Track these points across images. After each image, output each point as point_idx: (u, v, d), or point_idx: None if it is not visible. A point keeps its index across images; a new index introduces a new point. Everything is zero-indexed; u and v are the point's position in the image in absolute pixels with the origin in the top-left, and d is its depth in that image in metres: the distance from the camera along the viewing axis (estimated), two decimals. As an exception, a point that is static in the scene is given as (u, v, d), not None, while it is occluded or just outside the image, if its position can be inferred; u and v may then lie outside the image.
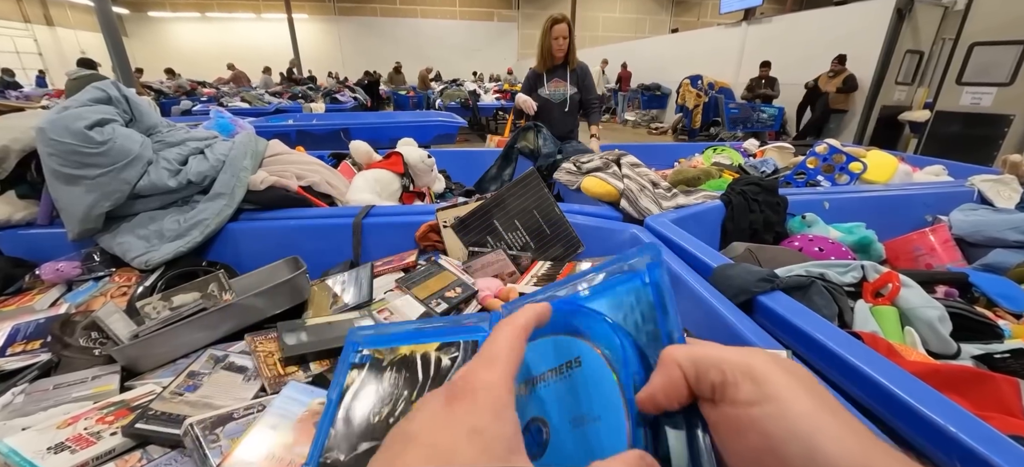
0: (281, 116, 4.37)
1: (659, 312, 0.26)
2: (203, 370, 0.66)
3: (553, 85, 2.18)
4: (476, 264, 0.94)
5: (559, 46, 2.07)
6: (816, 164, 1.68)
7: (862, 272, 0.88)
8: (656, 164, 2.16)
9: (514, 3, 16.61)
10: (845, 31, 5.64)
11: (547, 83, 2.19)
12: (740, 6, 7.82)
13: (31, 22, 12.10)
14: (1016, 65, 3.75)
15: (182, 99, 6.12)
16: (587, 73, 2.20)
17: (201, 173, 1.07)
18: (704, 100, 7.08)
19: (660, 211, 1.17)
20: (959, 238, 1.24)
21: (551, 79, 2.18)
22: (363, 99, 7.08)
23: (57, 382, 0.66)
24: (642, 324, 0.27)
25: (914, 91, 5.52)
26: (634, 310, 0.27)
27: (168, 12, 14.74)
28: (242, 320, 0.77)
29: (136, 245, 0.98)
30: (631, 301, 0.28)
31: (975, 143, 4.02)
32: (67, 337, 0.75)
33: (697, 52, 8.47)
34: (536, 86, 2.22)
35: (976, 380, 0.64)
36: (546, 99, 2.21)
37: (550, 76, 2.18)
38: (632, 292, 0.28)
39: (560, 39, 2.05)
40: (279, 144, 1.35)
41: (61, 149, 0.91)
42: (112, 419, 0.56)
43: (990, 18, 3.89)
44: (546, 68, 2.17)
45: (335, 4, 15.56)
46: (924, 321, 0.76)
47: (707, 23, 14.55)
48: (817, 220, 1.22)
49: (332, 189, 1.31)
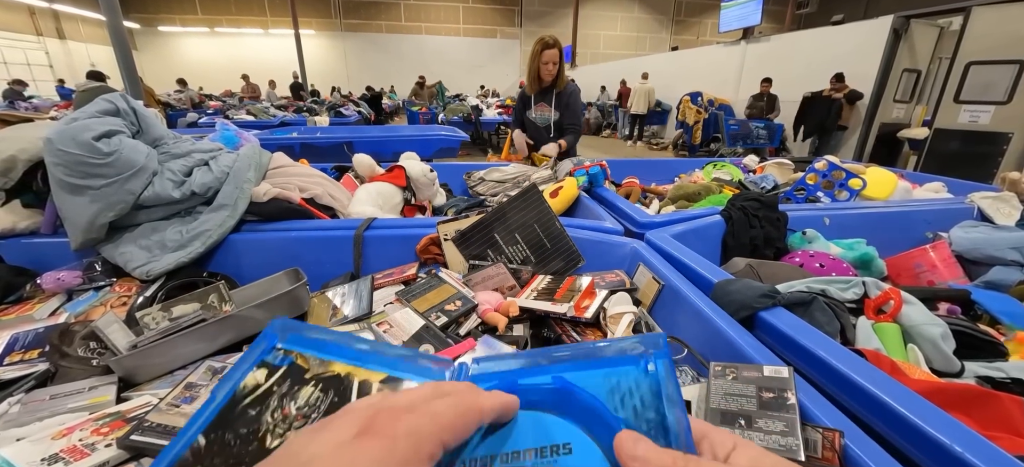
0: (286, 129, 4.42)
1: (663, 401, 0.24)
2: (201, 382, 0.65)
3: (539, 109, 2.20)
4: (476, 277, 0.94)
5: (548, 71, 2.08)
6: (816, 180, 1.69)
7: (864, 288, 0.87)
8: (657, 179, 2.18)
9: (517, 20, 16.94)
10: (842, 50, 5.72)
11: (534, 106, 2.21)
12: (739, 25, 7.96)
13: (43, 35, 12.36)
14: (1013, 84, 3.79)
15: (189, 112, 6.21)
16: (574, 95, 2.17)
17: (205, 184, 1.08)
18: (704, 116, 7.14)
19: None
20: (959, 255, 1.24)
21: (538, 102, 2.20)
22: (367, 113, 7.17)
23: (54, 392, 0.65)
24: (641, 410, 0.25)
25: (912, 109, 5.57)
26: (632, 395, 0.25)
27: (178, 27, 15.06)
28: (241, 332, 0.77)
29: (138, 255, 0.98)
30: (629, 385, 0.26)
31: (974, 160, 4.05)
32: (65, 347, 0.74)
33: (697, 69, 8.58)
34: (525, 109, 2.25)
35: (981, 399, 0.63)
36: (532, 122, 2.23)
37: (537, 100, 2.20)
38: (631, 377, 0.26)
39: (549, 64, 2.06)
40: (283, 157, 1.36)
41: (67, 159, 0.92)
42: (107, 431, 0.56)
43: (985, 38, 3.95)
44: (534, 91, 2.18)
45: (341, 20, 15.89)
46: (927, 338, 0.76)
47: (706, 41, 14.81)
48: (818, 236, 1.22)
49: (334, 201, 1.32)
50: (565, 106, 2.15)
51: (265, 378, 0.27)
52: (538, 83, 2.12)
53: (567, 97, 2.14)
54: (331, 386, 0.27)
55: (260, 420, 0.26)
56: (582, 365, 0.27)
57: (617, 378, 0.26)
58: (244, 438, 0.25)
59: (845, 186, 1.63)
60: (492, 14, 16.80)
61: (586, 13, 15.42)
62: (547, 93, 2.15)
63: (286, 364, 0.28)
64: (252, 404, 0.27)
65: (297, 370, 0.28)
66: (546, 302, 0.82)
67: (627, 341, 0.28)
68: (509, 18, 16.93)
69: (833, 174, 1.67)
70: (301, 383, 0.27)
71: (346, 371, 0.28)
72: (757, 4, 7.52)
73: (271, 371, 0.28)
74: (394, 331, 0.77)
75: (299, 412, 0.26)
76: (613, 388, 0.26)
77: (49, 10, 12.37)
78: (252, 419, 0.26)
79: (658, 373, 0.25)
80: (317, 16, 15.52)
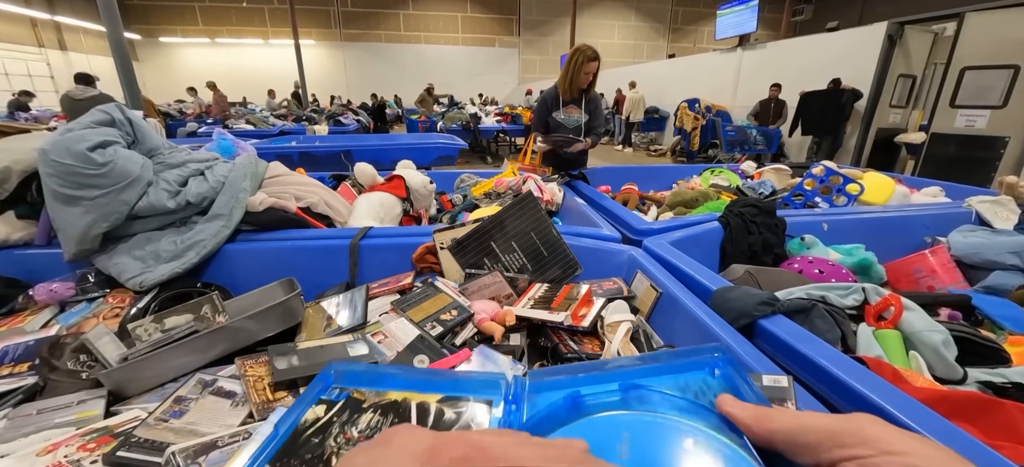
0: (284, 138, 4.43)
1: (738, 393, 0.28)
2: (190, 395, 0.64)
3: (567, 111, 2.29)
4: (473, 286, 0.93)
5: (586, 80, 2.19)
6: (813, 186, 1.69)
7: (863, 295, 0.87)
8: (655, 186, 2.18)
9: (515, 29, 17.09)
10: (838, 56, 5.77)
11: (562, 108, 2.27)
12: (734, 32, 8.04)
13: (45, 47, 12.44)
14: (1008, 88, 3.81)
15: (189, 121, 6.25)
16: (598, 101, 2.34)
17: (200, 194, 1.08)
18: (702, 123, 7.18)
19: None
20: (958, 259, 1.23)
21: (567, 105, 2.28)
22: (366, 122, 7.20)
23: (41, 407, 0.64)
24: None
25: (909, 114, 5.61)
26: (703, 395, 0.28)
27: (178, 37, 15.18)
28: (234, 343, 0.76)
29: (131, 266, 0.97)
30: (699, 386, 0.29)
31: (972, 164, 4.06)
32: (55, 360, 0.73)
33: (694, 76, 8.64)
34: (552, 108, 2.28)
35: (985, 407, 0.62)
36: (560, 123, 2.28)
37: (566, 102, 2.28)
38: (698, 379, 0.29)
39: (589, 75, 2.18)
40: (279, 166, 1.36)
41: (61, 170, 0.92)
42: (94, 446, 0.55)
43: (979, 43, 3.98)
44: (567, 95, 2.27)
45: (341, 30, 16.02)
46: (928, 345, 0.75)
47: (703, 49, 14.94)
48: (816, 242, 1.22)
49: (330, 210, 1.31)
50: (594, 111, 2.30)
51: (325, 412, 0.30)
52: (573, 90, 2.22)
53: (596, 103, 2.30)
54: (390, 411, 0.30)
55: (324, 445, 0.29)
56: (648, 372, 0.30)
57: (685, 379, 0.29)
58: (310, 462, 0.27)
59: (843, 191, 1.63)
60: (490, 23, 16.95)
61: (584, 22, 15.58)
62: (577, 98, 2.26)
63: (343, 399, 0.31)
64: (314, 434, 0.29)
65: (354, 402, 0.31)
66: (543, 311, 0.82)
67: (690, 352, 0.31)
68: (507, 27, 17.08)
69: (830, 179, 1.67)
70: (360, 412, 0.30)
71: (402, 397, 0.31)
72: (753, 11, 7.60)
73: (329, 406, 0.31)
74: (389, 341, 0.76)
75: (361, 435, 0.29)
76: (683, 387, 0.28)
77: (51, 22, 12.47)
78: (316, 446, 0.28)
79: (725, 377, 0.28)
80: (317, 26, 15.66)
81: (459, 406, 0.29)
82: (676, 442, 0.25)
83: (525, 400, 0.30)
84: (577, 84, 2.18)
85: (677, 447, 0.25)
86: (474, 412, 0.29)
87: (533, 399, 0.30)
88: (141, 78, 4.26)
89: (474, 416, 0.29)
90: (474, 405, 0.30)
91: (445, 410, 0.29)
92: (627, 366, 0.30)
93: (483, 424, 0.28)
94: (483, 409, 0.30)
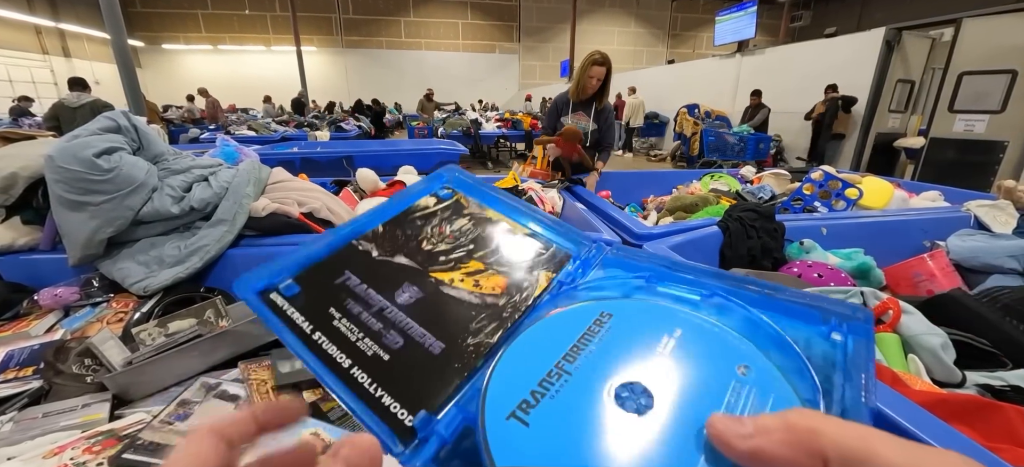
0: (286, 144, 4.46)
1: (841, 376, 0.20)
2: (195, 398, 0.65)
3: (576, 117, 2.28)
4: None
5: (592, 85, 2.17)
6: (812, 190, 1.70)
7: (862, 298, 0.87)
8: (655, 191, 2.19)
9: (515, 36, 17.21)
10: (836, 62, 5.80)
11: (571, 113, 2.28)
12: (733, 38, 8.09)
13: (49, 53, 12.54)
14: (1006, 93, 3.83)
15: (191, 127, 6.30)
16: (611, 115, 2.30)
17: (204, 200, 1.09)
18: (701, 128, 7.20)
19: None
20: (957, 263, 1.24)
21: (576, 111, 2.28)
22: (367, 127, 7.24)
23: (46, 410, 0.64)
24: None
25: (908, 118, 5.63)
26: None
27: (181, 44, 15.29)
28: (237, 347, 0.76)
29: (135, 271, 0.98)
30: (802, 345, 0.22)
31: (970, 169, 4.07)
32: (60, 364, 0.74)
33: (693, 82, 8.69)
34: (562, 112, 2.30)
35: (984, 410, 0.62)
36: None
37: (576, 107, 2.28)
38: (806, 339, 0.22)
39: (594, 79, 2.16)
40: (282, 171, 1.37)
41: (68, 176, 0.93)
42: (99, 449, 0.55)
43: (976, 48, 4.00)
44: (576, 99, 2.27)
45: (342, 37, 16.14)
46: (927, 348, 0.75)
47: (702, 55, 15.01)
48: (815, 246, 1.22)
49: (332, 215, 1.32)
50: (604, 123, 2.27)
51: (434, 204, 0.36)
52: (580, 93, 2.21)
53: (606, 115, 2.26)
54: (483, 223, 0.35)
55: (422, 229, 0.35)
56: (755, 301, 0.24)
57: (792, 334, 0.22)
58: (408, 236, 0.34)
59: (842, 196, 1.64)
60: (491, 30, 17.07)
61: (583, 28, 15.67)
62: (587, 104, 2.25)
63: (449, 198, 0.37)
64: (420, 217, 0.35)
65: (458, 205, 0.36)
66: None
67: (823, 299, 0.23)
68: (508, 34, 17.19)
69: (830, 184, 1.68)
70: (459, 215, 0.36)
71: (498, 216, 0.35)
72: (751, 18, 7.65)
73: (439, 200, 0.36)
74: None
75: (451, 233, 0.35)
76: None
77: (56, 29, 12.57)
78: (417, 226, 0.35)
79: (846, 347, 0.20)
80: (318, 33, 15.77)
81: (540, 242, 0.33)
82: (724, 360, 0.21)
83: (595, 268, 0.32)
84: (584, 89, 2.18)
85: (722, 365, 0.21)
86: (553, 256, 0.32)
87: (605, 273, 0.31)
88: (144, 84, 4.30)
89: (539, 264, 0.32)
90: (554, 252, 0.33)
91: (533, 243, 0.33)
92: (724, 282, 0.26)
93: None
94: (565, 259, 0.32)
